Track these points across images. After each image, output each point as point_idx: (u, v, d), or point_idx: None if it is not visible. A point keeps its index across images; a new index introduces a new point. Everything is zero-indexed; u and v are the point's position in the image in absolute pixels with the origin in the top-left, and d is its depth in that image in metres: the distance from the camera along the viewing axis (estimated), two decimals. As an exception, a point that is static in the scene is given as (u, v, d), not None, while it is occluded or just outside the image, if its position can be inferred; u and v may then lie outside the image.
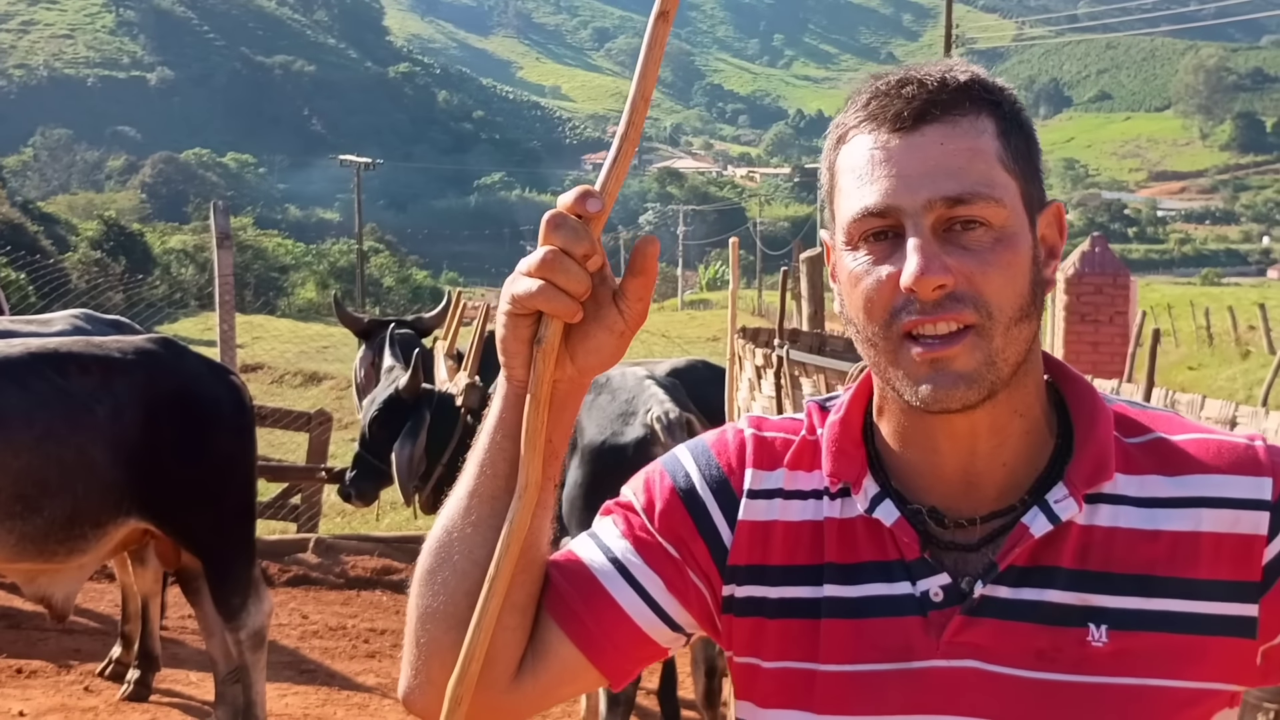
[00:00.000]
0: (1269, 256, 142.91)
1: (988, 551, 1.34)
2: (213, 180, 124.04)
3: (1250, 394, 22.21)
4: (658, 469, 1.47)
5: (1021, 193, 1.31)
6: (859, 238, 1.31)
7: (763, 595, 1.40)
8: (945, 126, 1.28)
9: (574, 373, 1.30)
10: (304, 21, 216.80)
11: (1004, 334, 1.27)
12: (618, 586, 1.41)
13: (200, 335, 25.53)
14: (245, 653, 5.32)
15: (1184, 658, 1.28)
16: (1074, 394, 1.39)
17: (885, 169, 1.28)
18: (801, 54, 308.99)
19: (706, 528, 1.42)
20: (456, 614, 1.32)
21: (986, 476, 1.35)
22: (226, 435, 5.31)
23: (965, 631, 1.31)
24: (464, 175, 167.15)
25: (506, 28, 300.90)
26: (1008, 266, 1.27)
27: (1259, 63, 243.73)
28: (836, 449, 1.40)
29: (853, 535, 1.38)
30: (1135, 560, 1.30)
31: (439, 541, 1.36)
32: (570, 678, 1.42)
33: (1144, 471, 1.34)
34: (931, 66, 1.33)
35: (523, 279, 1.24)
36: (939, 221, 1.26)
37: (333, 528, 10.20)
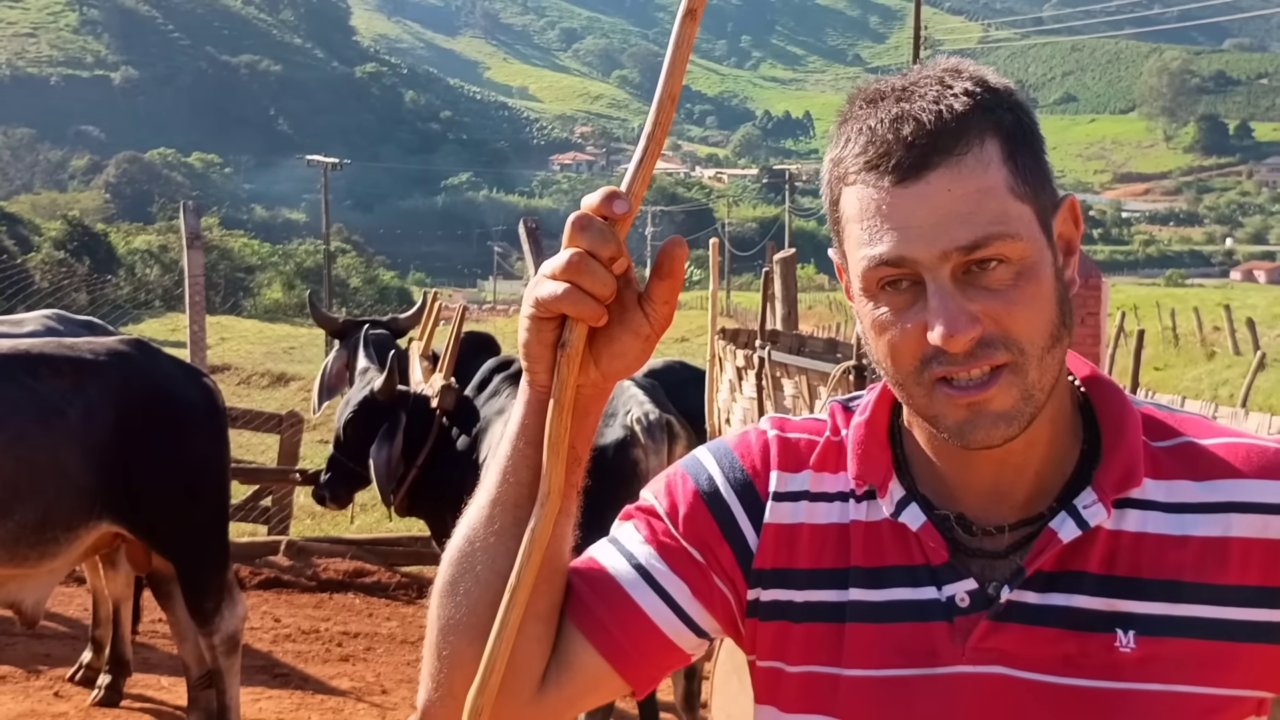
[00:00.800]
0: (1232, 258, 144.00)
1: (1015, 558, 1.32)
2: (178, 180, 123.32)
3: (1216, 394, 22.35)
4: (679, 471, 1.45)
5: (1036, 214, 1.27)
6: (876, 286, 1.27)
7: (788, 599, 1.38)
8: (950, 171, 1.23)
9: (598, 377, 1.27)
10: (270, 21, 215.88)
11: (1038, 365, 1.25)
12: (643, 593, 1.38)
13: (167, 336, 25.36)
14: (219, 657, 5.26)
15: (1212, 664, 1.27)
16: (1101, 397, 1.37)
17: (892, 222, 1.24)
18: (769, 55, 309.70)
19: (731, 531, 1.40)
20: (480, 625, 1.29)
21: (1016, 486, 1.34)
22: (200, 438, 5.25)
23: (991, 637, 1.30)
24: (431, 175, 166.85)
25: (474, 28, 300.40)
26: (1033, 300, 1.25)
27: (1222, 65, 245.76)
28: (862, 451, 1.39)
29: (879, 539, 1.36)
30: (1163, 566, 1.29)
31: (460, 552, 1.34)
32: (595, 686, 1.39)
33: (1172, 476, 1.32)
34: (925, 89, 1.26)
35: (547, 282, 1.21)
36: (957, 268, 1.23)
37: (304, 530, 10.12)
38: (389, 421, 5.99)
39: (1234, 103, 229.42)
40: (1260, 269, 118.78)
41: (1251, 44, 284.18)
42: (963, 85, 1.26)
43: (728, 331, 6.88)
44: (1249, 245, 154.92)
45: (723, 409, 6.02)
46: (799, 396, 5.04)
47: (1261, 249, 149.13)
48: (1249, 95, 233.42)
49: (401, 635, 7.75)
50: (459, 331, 6.37)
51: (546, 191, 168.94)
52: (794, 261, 10.31)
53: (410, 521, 7.29)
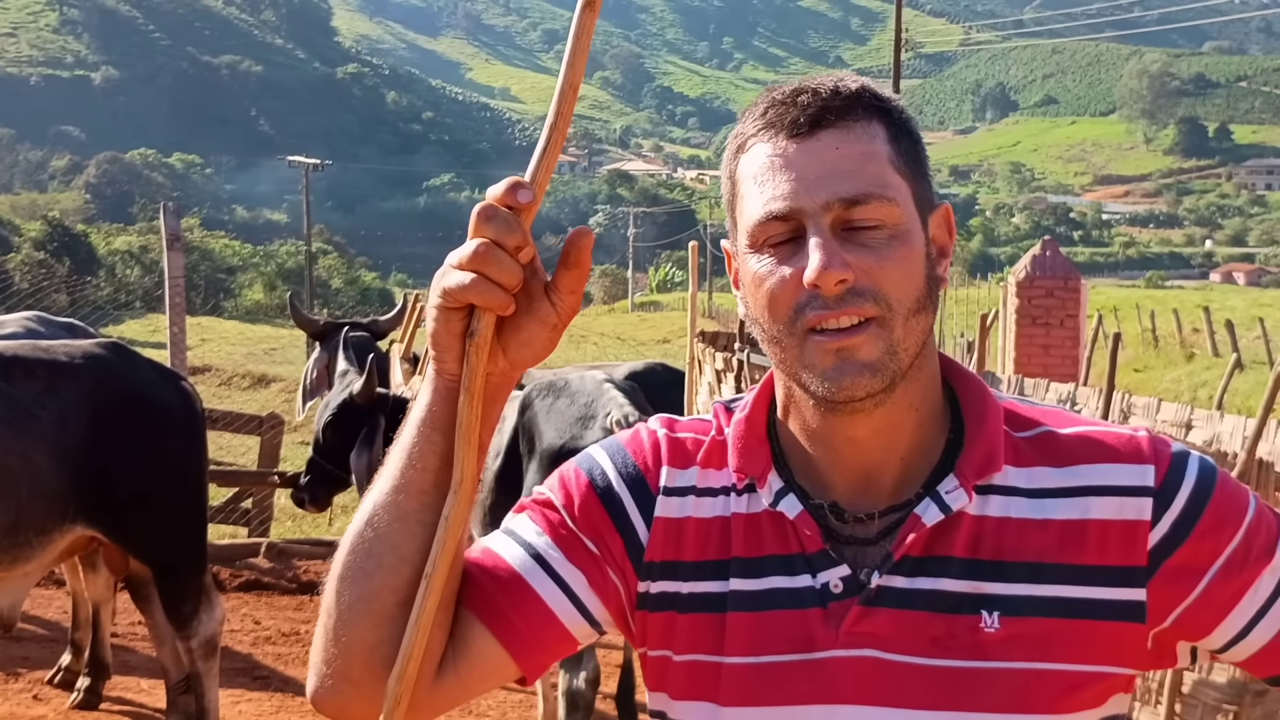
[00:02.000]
0: (1211, 260, 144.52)
1: (885, 544, 1.37)
2: (158, 181, 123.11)
3: (1195, 395, 22.46)
4: (573, 467, 1.49)
5: (913, 193, 1.36)
6: (762, 241, 1.35)
7: (675, 590, 1.42)
8: (839, 132, 1.33)
9: (505, 366, 1.30)
10: (251, 21, 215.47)
11: (903, 325, 1.32)
12: (540, 581, 1.42)
13: (147, 337, 25.31)
14: (197, 661, 5.25)
15: (1074, 642, 1.33)
16: (965, 390, 1.44)
17: (785, 174, 1.33)
18: (751, 57, 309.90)
19: (624, 524, 1.44)
20: (384, 611, 1.31)
21: (884, 471, 1.39)
22: (176, 442, 5.22)
23: (863, 621, 1.34)
24: (413, 176, 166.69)
25: (456, 29, 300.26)
26: (904, 261, 1.32)
27: (1201, 68, 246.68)
28: (742, 445, 1.44)
29: (758, 530, 1.41)
30: (1025, 548, 1.34)
31: (362, 538, 1.34)
32: (490, 673, 1.43)
33: (1033, 464, 1.38)
34: (824, 78, 1.37)
35: (454, 272, 1.24)
36: (837, 221, 1.31)
37: (284, 532, 10.11)
38: (368, 424, 5.99)
39: (1213, 105, 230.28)
40: (1239, 271, 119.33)
41: (1231, 47, 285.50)
42: (857, 81, 1.38)
43: (707, 334, 6.90)
44: (1228, 247, 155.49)
45: (702, 411, 6.04)
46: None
47: (1240, 251, 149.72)
48: (1228, 98, 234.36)
49: (382, 637, 7.75)
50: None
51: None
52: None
53: (390, 524, 7.29)
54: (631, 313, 61.45)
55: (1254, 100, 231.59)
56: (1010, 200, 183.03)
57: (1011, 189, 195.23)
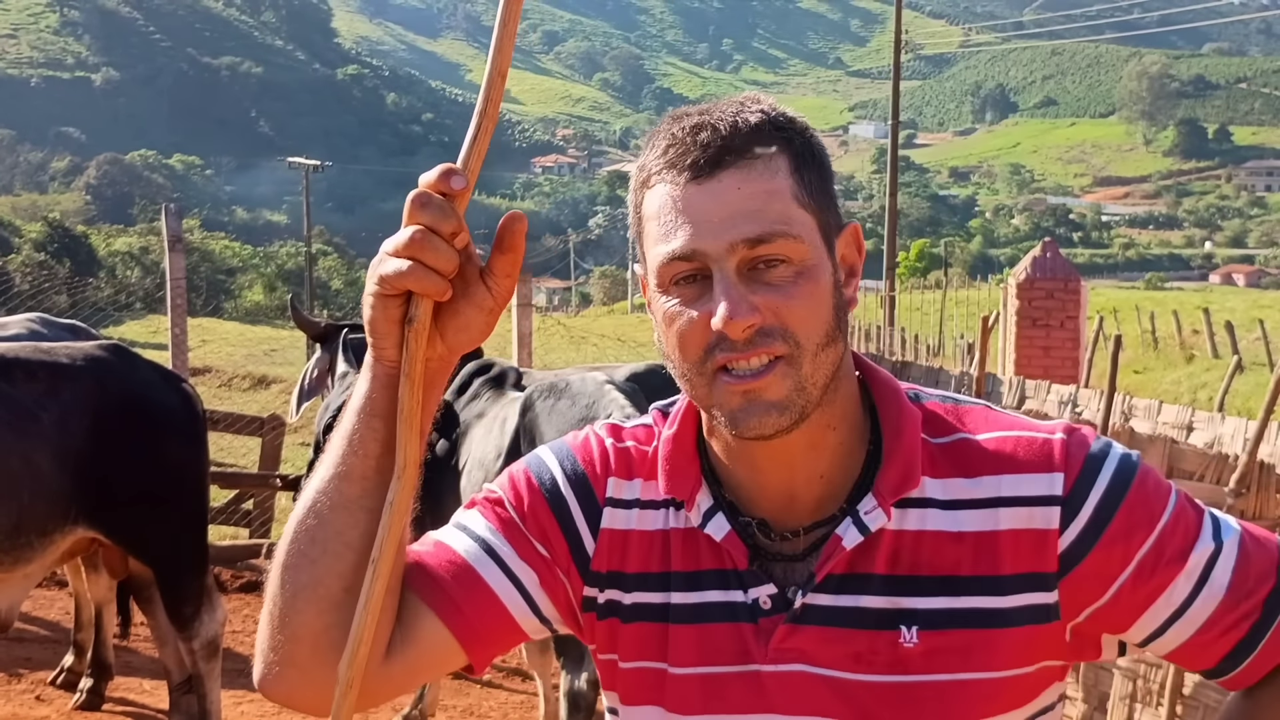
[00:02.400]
0: (1211, 261, 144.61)
1: (810, 561, 1.40)
2: (159, 182, 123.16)
3: (1195, 397, 22.48)
4: (522, 468, 1.52)
5: (819, 225, 1.35)
6: (669, 281, 1.35)
7: (618, 600, 1.46)
8: (741, 171, 1.32)
9: (444, 350, 1.32)
10: (251, 23, 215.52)
11: (811, 360, 1.32)
12: (492, 574, 1.44)
13: (148, 338, 25.30)
14: (199, 662, 5.25)
15: (991, 651, 1.35)
16: (881, 398, 1.44)
17: (687, 216, 1.32)
18: (750, 58, 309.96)
19: (570, 530, 1.47)
20: (329, 597, 1.33)
21: (806, 490, 1.41)
22: (177, 444, 5.23)
23: (791, 638, 1.38)
24: (412, 178, 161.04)
25: (455, 30, 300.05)
26: (810, 298, 1.32)
27: (1201, 70, 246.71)
28: (670, 467, 1.46)
29: (695, 544, 1.44)
30: (941, 562, 1.36)
31: (305, 525, 1.35)
32: (438, 660, 1.45)
33: (947, 475, 1.39)
34: (725, 108, 1.37)
35: (390, 260, 1.26)
36: (743, 263, 1.31)
37: (285, 533, 10.11)
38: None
39: (1213, 107, 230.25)
40: (1239, 272, 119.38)
41: (1230, 48, 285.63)
42: (759, 108, 1.37)
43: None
44: (1228, 249, 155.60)
45: (703, 413, 6.04)
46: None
47: (1240, 252, 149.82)
48: (1228, 99, 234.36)
49: (383, 639, 7.75)
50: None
51: (528, 194, 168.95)
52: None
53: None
54: (631, 314, 61.41)
55: (1254, 102, 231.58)
56: (1010, 202, 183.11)
57: (1011, 190, 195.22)
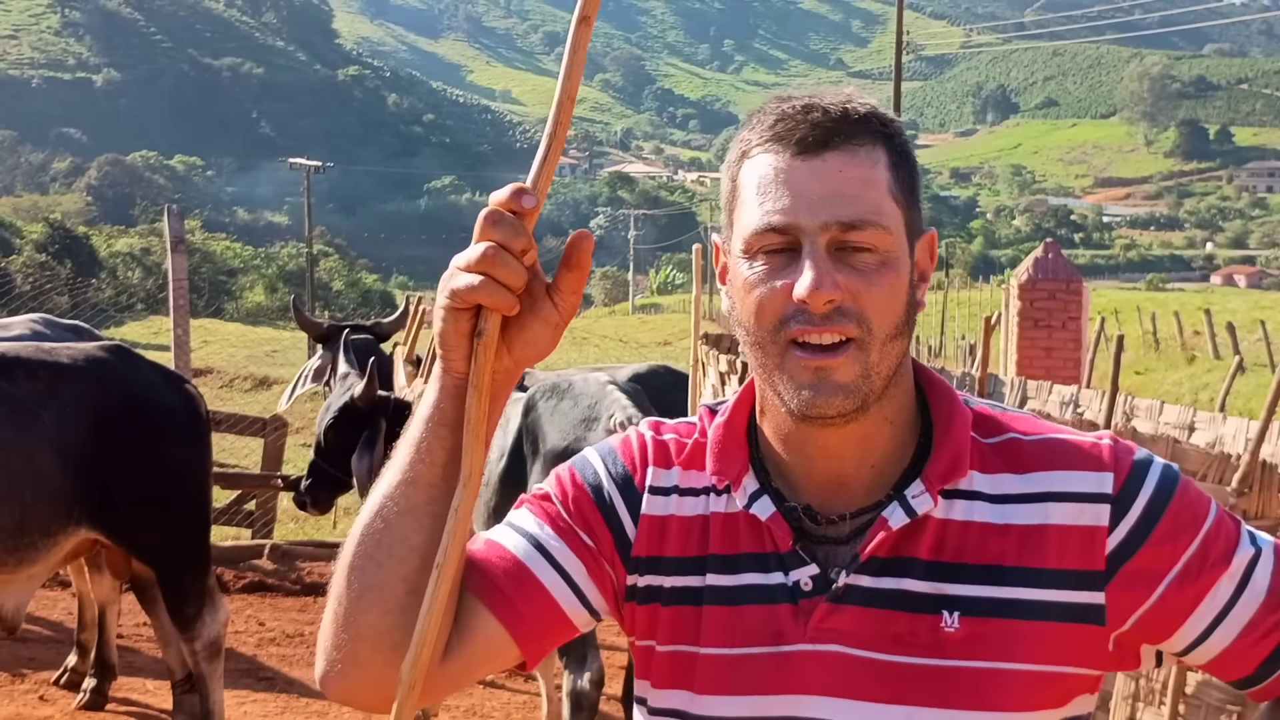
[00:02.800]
0: (1212, 262, 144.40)
1: (854, 544, 1.44)
2: (160, 183, 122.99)
3: (1196, 398, 22.47)
4: (568, 467, 1.58)
5: (905, 222, 1.42)
6: (757, 249, 1.41)
7: (659, 584, 1.51)
8: (845, 155, 1.39)
9: (510, 363, 1.36)
10: (252, 24, 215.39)
11: (880, 349, 1.39)
12: (542, 569, 1.49)
13: (149, 339, 25.33)
14: (201, 662, 5.26)
15: (1032, 642, 1.38)
16: (935, 397, 1.50)
17: (788, 189, 1.39)
18: (751, 59, 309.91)
19: (613, 520, 1.53)
20: (394, 598, 1.38)
21: (855, 478, 1.47)
22: (180, 445, 5.24)
23: (830, 618, 1.42)
24: (413, 179, 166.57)
25: (457, 31, 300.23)
26: (889, 288, 1.39)
27: (1202, 70, 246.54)
28: (719, 450, 1.52)
29: (735, 529, 1.49)
30: (986, 552, 1.41)
31: (372, 529, 1.40)
32: (493, 656, 1.49)
33: (997, 470, 1.45)
34: (834, 96, 1.43)
35: (462, 274, 1.30)
36: (832, 242, 1.37)
37: (288, 534, 10.13)
38: (370, 427, 6.01)
39: (1214, 108, 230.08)
40: (1240, 273, 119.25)
41: (1232, 49, 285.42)
42: (866, 102, 1.44)
43: (710, 336, 6.90)
44: (1229, 250, 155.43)
45: (705, 413, 6.04)
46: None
47: (1241, 253, 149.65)
48: (1229, 100, 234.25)
49: (385, 639, 7.76)
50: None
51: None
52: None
53: (394, 525, 7.30)
54: (632, 315, 61.49)
55: (1255, 103, 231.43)
56: (1011, 202, 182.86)
57: (1012, 191, 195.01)
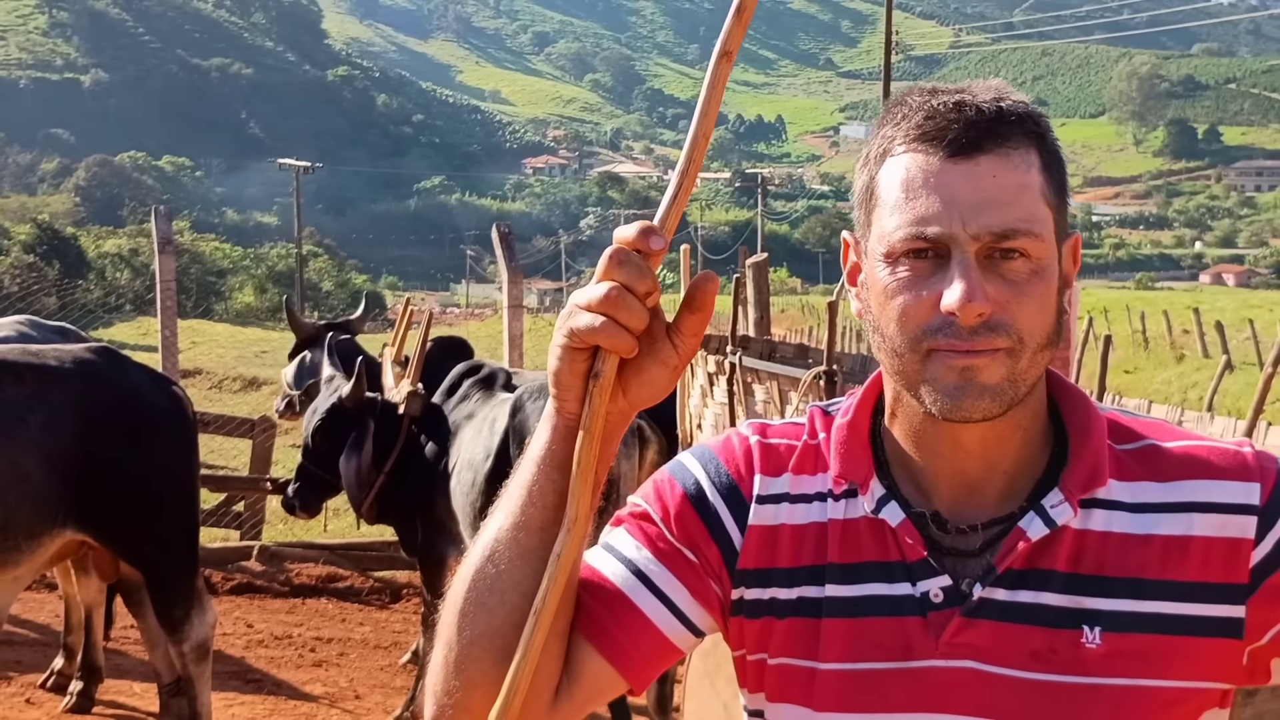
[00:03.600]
0: (1201, 261, 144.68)
1: (986, 556, 1.38)
2: (148, 184, 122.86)
3: (1185, 397, 22.50)
4: (667, 477, 1.50)
5: (1056, 226, 1.35)
6: (901, 253, 1.34)
7: (771, 597, 1.43)
8: (999, 159, 1.32)
9: (624, 405, 1.30)
10: (241, 24, 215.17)
11: (1030, 359, 1.32)
12: (643, 598, 1.43)
13: (137, 340, 25.26)
14: (189, 665, 5.24)
15: (1174, 658, 1.33)
16: (1069, 404, 1.44)
17: (938, 194, 1.31)
18: (741, 59, 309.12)
19: (719, 532, 1.45)
20: (506, 646, 1.31)
21: (989, 485, 1.40)
22: (167, 447, 5.21)
23: (964, 632, 1.35)
24: (403, 179, 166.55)
25: (446, 31, 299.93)
26: (1041, 298, 1.32)
27: (1190, 70, 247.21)
28: (845, 451, 1.44)
29: (856, 536, 1.42)
30: (1127, 563, 1.34)
31: (483, 573, 1.35)
32: (600, 690, 1.44)
33: (1136, 478, 1.38)
34: (984, 90, 1.36)
35: (583, 314, 1.24)
36: (983, 250, 1.30)
37: (276, 535, 10.10)
38: (357, 429, 5.99)
39: (1203, 107, 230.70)
40: (1229, 272, 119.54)
41: (1220, 49, 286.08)
42: (1018, 98, 1.36)
43: (699, 337, 6.88)
44: (1218, 249, 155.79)
45: (694, 414, 6.04)
46: (770, 402, 5.05)
47: (1230, 252, 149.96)
48: (1217, 99, 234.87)
49: (375, 640, 7.74)
50: (426, 337, 6.38)
51: (519, 195, 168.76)
52: (766, 266, 10.33)
53: (383, 526, 7.30)
54: (622, 315, 61.38)
55: (1243, 102, 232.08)
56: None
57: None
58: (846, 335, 27.34)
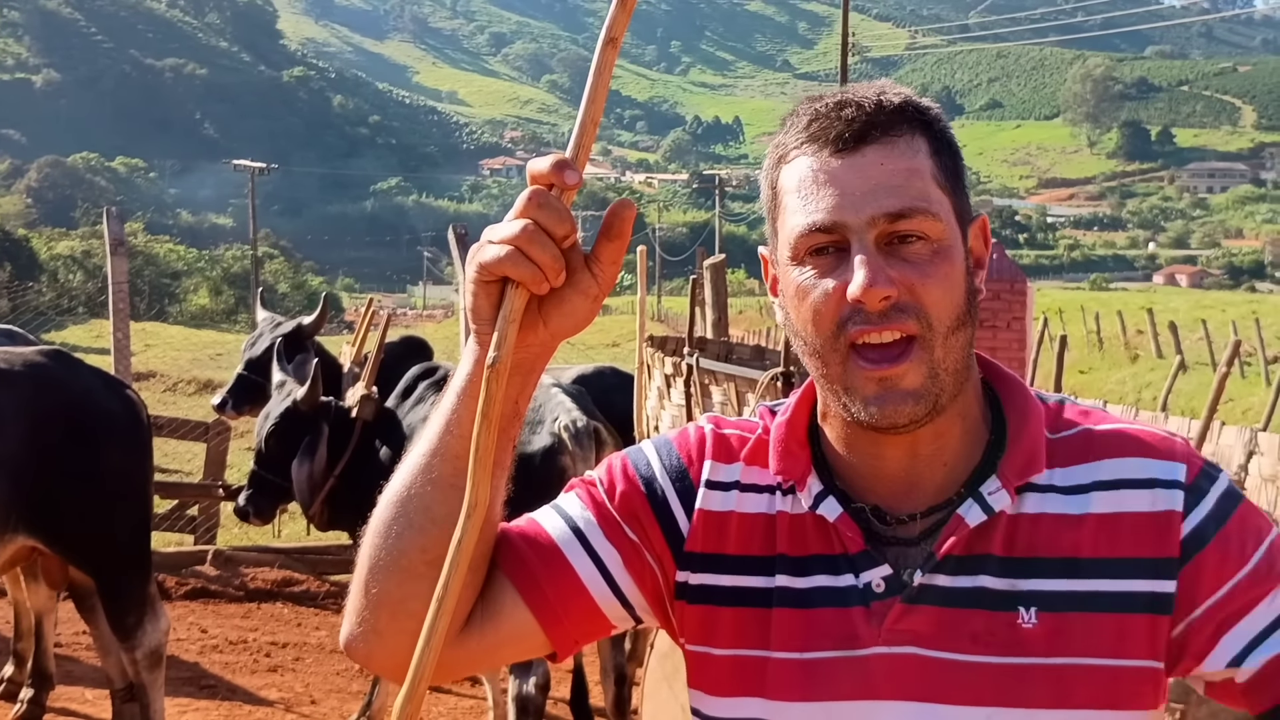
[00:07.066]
0: (1155, 262, 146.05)
1: (926, 544, 1.40)
2: (101, 185, 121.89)
3: (1139, 396, 22.69)
4: (621, 456, 1.54)
5: (954, 207, 1.38)
6: (805, 253, 1.37)
7: (716, 583, 1.45)
8: (884, 147, 1.35)
9: (546, 336, 1.32)
10: (195, 24, 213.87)
11: (943, 343, 1.34)
12: (576, 554, 1.45)
13: (91, 343, 25.03)
14: (141, 671, 5.18)
15: (1110, 636, 1.35)
16: (1007, 392, 1.47)
17: (830, 188, 1.35)
18: (698, 61, 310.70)
19: (663, 513, 1.48)
20: (410, 569, 1.35)
21: (927, 476, 1.42)
22: (120, 452, 5.15)
23: (904, 619, 1.37)
24: (359, 180, 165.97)
25: (402, 32, 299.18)
26: (945, 278, 1.35)
27: (1144, 72, 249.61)
28: (783, 449, 1.47)
29: (803, 530, 1.44)
30: (1060, 544, 1.37)
31: (397, 495, 1.37)
32: (518, 639, 1.45)
33: (1069, 463, 1.41)
34: (866, 90, 1.39)
35: (490, 246, 1.26)
36: (881, 236, 1.33)
37: (231, 539, 10.00)
38: (311, 433, 5.93)
39: (1156, 109, 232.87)
40: (1182, 273, 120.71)
41: (1173, 51, 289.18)
42: (899, 92, 1.40)
43: (656, 339, 6.88)
44: (1171, 249, 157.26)
45: (651, 416, 6.02)
46: (727, 403, 5.05)
47: (1183, 253, 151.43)
48: (1170, 101, 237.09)
49: (331, 645, 7.68)
50: (383, 340, 6.33)
51: (476, 196, 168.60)
52: (724, 267, 10.34)
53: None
54: (580, 317, 61.28)
55: (1195, 104, 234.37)
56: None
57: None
58: (804, 336, 27.37)
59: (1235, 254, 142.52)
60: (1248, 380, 24.62)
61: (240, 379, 7.79)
